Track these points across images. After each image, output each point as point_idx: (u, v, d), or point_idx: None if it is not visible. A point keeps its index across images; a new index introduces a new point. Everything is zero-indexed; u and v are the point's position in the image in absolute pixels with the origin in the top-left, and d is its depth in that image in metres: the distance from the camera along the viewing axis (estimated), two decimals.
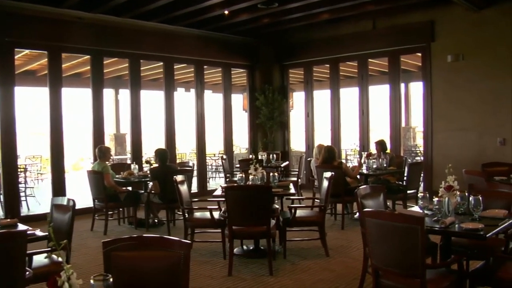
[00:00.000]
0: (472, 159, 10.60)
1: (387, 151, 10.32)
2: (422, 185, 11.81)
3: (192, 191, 12.10)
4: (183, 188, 7.54)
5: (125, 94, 21.27)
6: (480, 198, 4.57)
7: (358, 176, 9.66)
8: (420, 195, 4.85)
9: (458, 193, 4.75)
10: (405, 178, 9.60)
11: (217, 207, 7.61)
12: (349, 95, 15.54)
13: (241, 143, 20.52)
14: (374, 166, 9.55)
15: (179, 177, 7.48)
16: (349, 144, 21.16)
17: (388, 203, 10.02)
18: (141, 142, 12.34)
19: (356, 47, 12.72)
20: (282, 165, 11.98)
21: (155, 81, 18.44)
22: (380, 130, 15.54)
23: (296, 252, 7.50)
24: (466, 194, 4.85)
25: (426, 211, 4.84)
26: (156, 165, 9.26)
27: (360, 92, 12.92)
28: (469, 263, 5.39)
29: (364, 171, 9.51)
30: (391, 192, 9.26)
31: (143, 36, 11.91)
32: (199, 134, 13.41)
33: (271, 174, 7.49)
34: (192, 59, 13.21)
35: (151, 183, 9.19)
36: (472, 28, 10.74)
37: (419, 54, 12.09)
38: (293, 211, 7.03)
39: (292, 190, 7.34)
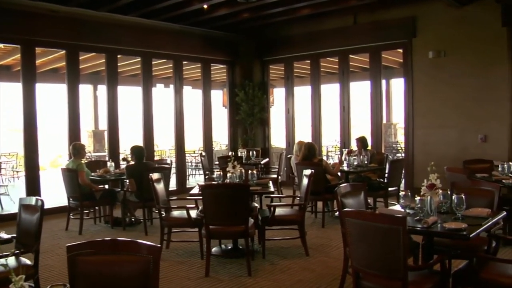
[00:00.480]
0: (453, 155, 10.52)
1: (368, 148, 10.18)
2: (403, 182, 11.74)
3: (170, 189, 11.97)
4: (159, 186, 7.33)
5: (103, 90, 21.10)
6: (463, 196, 4.43)
7: (339, 173, 9.53)
8: (401, 193, 4.70)
9: (440, 191, 4.61)
10: (386, 175, 9.46)
11: (194, 205, 7.41)
12: (330, 91, 15.42)
13: (222, 139, 20.30)
14: (355, 163, 9.40)
15: (155, 175, 7.27)
16: (330, 141, 21.04)
17: (369, 200, 10.04)
18: (118, 139, 12.07)
19: (337, 43, 12.58)
20: (262, 162, 11.79)
21: (134, 76, 18.15)
22: (362, 127, 15.41)
23: (275, 251, 7.32)
24: (449, 192, 4.70)
25: (408, 210, 4.69)
26: (132, 162, 9.00)
27: (341, 88, 12.78)
28: (452, 262, 5.27)
29: (345, 168, 9.36)
30: (372, 189, 9.14)
31: (120, 30, 11.62)
32: (178, 131, 13.18)
33: (249, 171, 7.29)
34: (170, 54, 12.96)
35: (127, 181, 8.95)
36: (454, 24, 10.64)
37: (400, 50, 11.97)
38: (272, 209, 6.84)
39: (271, 188, 7.15)
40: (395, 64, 16.83)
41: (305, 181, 7.05)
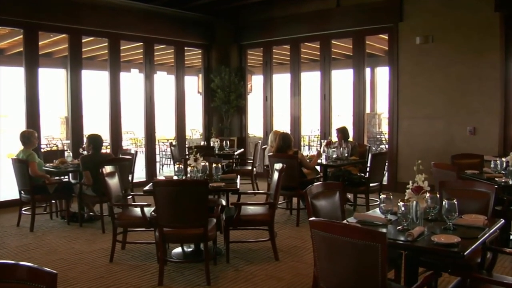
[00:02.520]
0: (440, 148, 9.89)
1: (349, 140, 9.42)
2: (386, 175, 11.05)
3: (139, 180, 11.19)
4: (113, 181, 6.49)
5: (92, 75, 20.26)
6: (456, 202, 3.67)
7: (318, 167, 8.78)
8: (382, 196, 3.94)
9: (428, 195, 3.85)
10: (367, 169, 8.74)
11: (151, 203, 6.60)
12: (312, 80, 14.66)
13: (199, 128, 19.50)
14: (334, 155, 8.65)
15: (107, 168, 6.43)
16: (311, 131, 20.38)
17: (349, 196, 9.34)
18: (82, 126, 11.24)
19: (318, 27, 11.78)
20: (236, 153, 11.00)
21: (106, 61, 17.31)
22: (346, 117, 14.72)
23: (242, 254, 6.57)
24: (438, 195, 3.94)
25: (389, 216, 3.93)
26: (87, 153, 8.18)
27: (322, 75, 12.00)
28: (440, 275, 4.52)
29: (323, 161, 8.61)
30: (352, 184, 8.47)
31: (83, 9, 10.70)
32: (148, 118, 12.33)
33: (214, 165, 6.49)
34: (140, 36, 12.06)
35: None
36: (443, 9, 9.94)
37: (385, 37, 11.23)
38: (237, 209, 6.06)
39: (238, 184, 6.34)
40: (381, 52, 16.12)
41: (275, 176, 6.27)
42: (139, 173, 12.00)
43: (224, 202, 6.87)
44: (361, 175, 8.67)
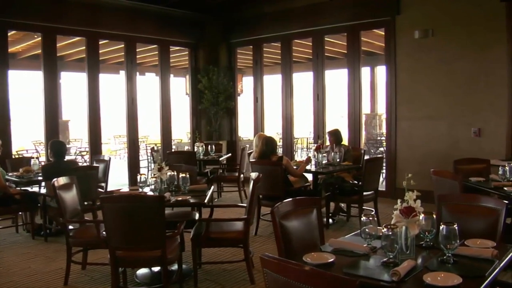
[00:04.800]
0: (442, 152, 9.14)
1: (342, 143, 8.60)
2: (384, 182, 10.27)
3: (120, 187, 10.37)
4: (68, 195, 5.69)
5: (68, 77, 19.55)
6: (456, 227, 2.85)
7: (310, 175, 7.97)
8: (363, 218, 3.13)
9: (422, 216, 3.04)
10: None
11: None
12: (305, 80, 13.88)
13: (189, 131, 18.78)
14: (324, 161, 7.84)
15: (61, 180, 5.63)
16: (310, 132, 19.63)
17: (342, 205, 8.53)
18: (57, 130, 10.46)
19: (310, 22, 10.98)
20: (222, 158, 10.18)
21: (102, 62, 16.62)
22: (344, 118, 13.91)
23: (215, 276, 5.76)
24: (434, 216, 3.13)
25: (372, 243, 3.13)
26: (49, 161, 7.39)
27: (315, 73, 11.19)
28: None
29: (313, 167, 7.81)
30: (344, 193, 7.66)
31: (60, 6, 9.94)
32: (130, 122, 11.54)
33: (181, 175, 5.68)
34: (121, 35, 11.25)
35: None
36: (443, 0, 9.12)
37: (382, 33, 10.43)
38: (205, 225, 5.24)
39: (207, 197, 5.51)
40: (381, 51, 15.27)
41: (251, 187, 5.45)
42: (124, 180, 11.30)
43: (197, 216, 6.07)
44: (354, 183, 7.85)
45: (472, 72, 8.88)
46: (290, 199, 3.82)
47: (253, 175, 5.51)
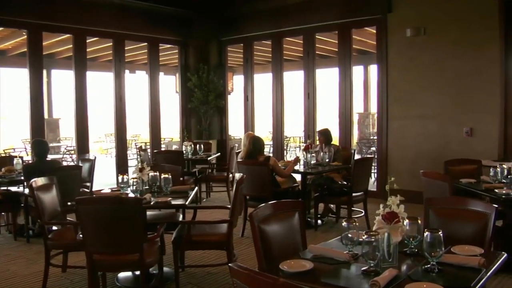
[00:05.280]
0: (433, 151, 9.00)
1: (332, 143, 8.43)
2: (375, 183, 10.14)
3: (108, 186, 10.18)
4: (48, 195, 5.50)
5: (59, 75, 19.33)
6: (441, 234, 2.70)
7: (298, 175, 7.80)
8: (344, 224, 2.98)
9: (406, 222, 2.88)
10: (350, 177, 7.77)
11: None
12: (297, 79, 13.73)
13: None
14: (313, 161, 7.68)
15: (39, 181, 5.44)
16: (299, 132, 19.51)
17: (332, 206, 8.38)
18: (43, 128, 10.28)
19: (301, 20, 10.81)
20: (210, 158, 10.00)
21: (93, 60, 16.51)
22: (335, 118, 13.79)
23: (199, 279, 5.60)
24: (420, 221, 2.97)
25: (354, 250, 2.97)
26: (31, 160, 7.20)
27: (306, 72, 11.03)
28: None
29: (301, 167, 7.65)
30: (333, 194, 7.49)
31: (47, 3, 9.75)
32: (118, 120, 11.35)
33: (163, 176, 5.51)
34: (109, 32, 11.05)
35: None
36: None
37: (373, 31, 10.26)
38: (186, 228, 5.07)
39: (190, 198, 5.33)
40: (374, 49, 15.11)
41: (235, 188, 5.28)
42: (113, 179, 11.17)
43: (181, 218, 5.91)
44: (343, 183, 7.69)
45: (465, 70, 8.74)
46: (270, 202, 3.64)
47: (237, 175, 5.34)
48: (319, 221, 7.82)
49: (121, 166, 11.42)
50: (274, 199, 6.35)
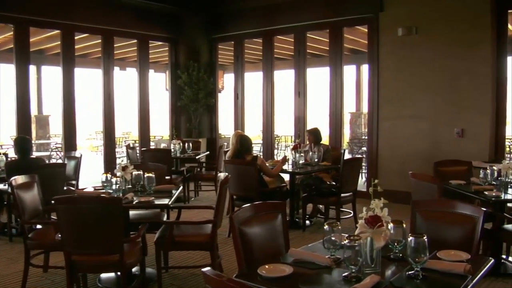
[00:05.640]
0: (424, 152, 8.92)
1: (321, 142, 8.32)
2: (365, 183, 10.05)
3: (95, 185, 10.03)
4: (28, 194, 5.36)
5: (48, 71, 19.12)
6: (426, 239, 2.59)
7: (287, 175, 7.69)
8: (326, 227, 2.87)
9: (391, 225, 2.77)
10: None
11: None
12: (289, 78, 13.64)
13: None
14: (301, 161, 7.57)
15: (19, 179, 5.30)
16: (291, 131, 19.45)
17: (320, 207, 8.27)
18: (29, 125, 10.12)
19: (292, 18, 10.69)
20: (199, 156, 9.88)
21: (84, 57, 16.35)
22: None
23: (182, 280, 5.49)
24: (405, 225, 2.87)
25: (336, 254, 2.86)
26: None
27: (297, 70, 10.92)
28: None
29: (290, 167, 7.54)
30: (321, 195, 7.39)
31: None
32: (107, 117, 11.20)
33: (146, 175, 5.38)
34: (98, 28, 10.89)
35: None
36: None
37: (366, 30, 10.16)
38: (169, 228, 4.95)
39: (173, 197, 5.20)
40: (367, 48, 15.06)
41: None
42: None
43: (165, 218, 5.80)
44: (332, 184, 7.59)
45: (456, 70, 8.65)
46: (252, 203, 3.53)
47: (222, 175, 5.23)
48: (307, 222, 7.72)
49: (109, 164, 11.28)
50: (261, 199, 6.31)
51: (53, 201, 5.27)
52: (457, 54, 8.62)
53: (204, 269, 2.20)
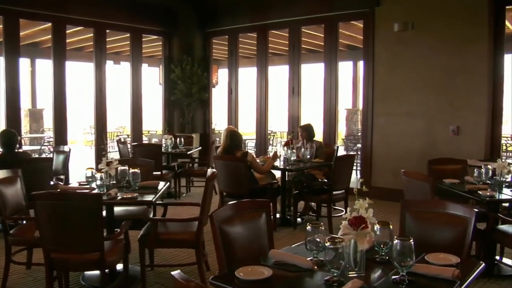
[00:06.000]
0: (419, 150, 8.80)
1: (314, 139, 8.18)
2: (358, 182, 9.90)
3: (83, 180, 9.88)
4: (10, 189, 5.22)
5: (43, 64, 18.93)
6: (412, 243, 2.45)
7: (278, 172, 7.55)
8: (308, 228, 2.73)
9: (377, 227, 2.64)
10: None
11: None
12: (284, 74, 13.51)
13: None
14: (293, 157, 7.43)
15: (1, 174, 5.15)
16: (285, 127, 19.34)
17: (312, 204, 8.13)
18: (19, 119, 9.95)
19: (287, 12, 10.53)
20: (190, 152, 9.73)
21: (79, 50, 16.19)
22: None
23: (167, 278, 5.32)
24: (391, 226, 2.73)
25: (319, 256, 2.72)
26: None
27: (291, 66, 10.77)
28: None
29: (281, 164, 7.40)
30: (313, 192, 7.25)
31: None
32: (98, 112, 11.03)
33: (131, 170, 5.24)
34: (90, 21, 10.69)
35: None
36: None
37: (360, 25, 10.02)
38: (153, 225, 4.81)
39: (158, 193, 5.05)
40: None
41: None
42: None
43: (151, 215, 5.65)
44: (323, 181, 7.45)
45: (452, 67, 8.52)
46: (234, 202, 3.39)
47: (209, 171, 5.09)
48: (298, 219, 7.58)
49: (100, 159, 11.09)
50: (252, 196, 6.18)
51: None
52: (454, 51, 8.49)
53: (173, 272, 2.06)
